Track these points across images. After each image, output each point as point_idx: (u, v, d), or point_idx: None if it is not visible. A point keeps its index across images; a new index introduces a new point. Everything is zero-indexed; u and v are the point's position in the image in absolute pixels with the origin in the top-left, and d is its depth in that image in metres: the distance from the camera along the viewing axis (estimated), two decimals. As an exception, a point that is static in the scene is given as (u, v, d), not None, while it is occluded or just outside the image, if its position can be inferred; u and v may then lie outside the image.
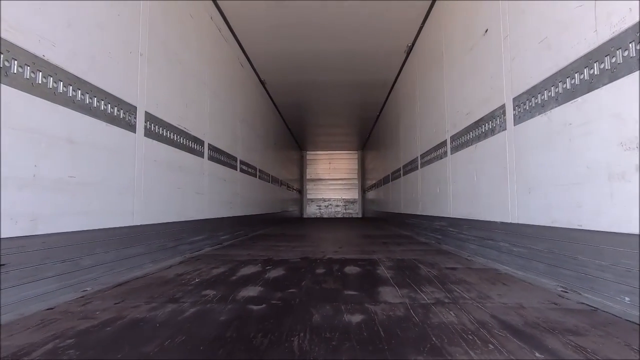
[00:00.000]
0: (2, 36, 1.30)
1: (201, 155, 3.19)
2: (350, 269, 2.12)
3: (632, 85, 1.26)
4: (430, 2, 3.66)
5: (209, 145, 3.38)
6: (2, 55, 1.29)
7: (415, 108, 4.61)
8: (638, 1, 1.24)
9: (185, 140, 2.85)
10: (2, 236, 1.28)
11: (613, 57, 1.34)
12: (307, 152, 12.78)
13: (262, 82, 5.90)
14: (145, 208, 2.22)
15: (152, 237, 2.29)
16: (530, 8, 1.91)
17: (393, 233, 4.90)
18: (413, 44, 4.57)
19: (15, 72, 1.34)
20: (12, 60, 1.33)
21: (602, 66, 1.40)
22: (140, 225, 2.16)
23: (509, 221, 2.12)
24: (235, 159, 4.28)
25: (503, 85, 2.21)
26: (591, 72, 1.46)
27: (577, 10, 1.54)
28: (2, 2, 1.30)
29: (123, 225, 2.00)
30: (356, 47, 4.71)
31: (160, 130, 2.43)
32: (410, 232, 4.77)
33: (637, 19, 1.23)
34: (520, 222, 2.00)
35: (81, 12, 1.71)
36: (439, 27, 3.56)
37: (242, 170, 4.57)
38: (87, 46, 1.75)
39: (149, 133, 2.28)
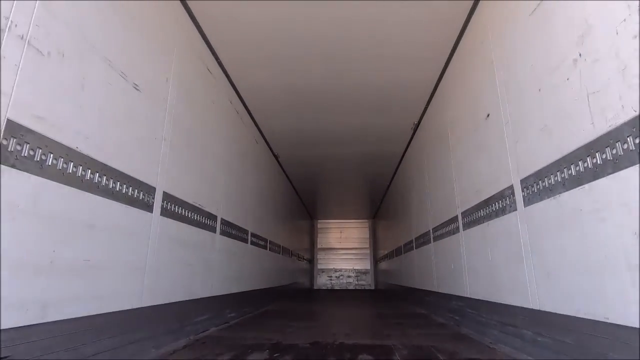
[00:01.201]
0: (44, 134, 1.43)
1: (213, 230, 3.23)
2: (364, 359, 1.99)
3: (636, 177, 1.28)
4: (434, 84, 3.94)
5: (222, 219, 3.44)
6: (40, 150, 1.41)
7: (424, 181, 4.69)
8: (629, 98, 1.32)
9: (199, 217, 2.91)
10: (11, 325, 1.27)
11: (613, 148, 1.39)
12: (318, 221, 12.76)
13: (276, 156, 6.16)
14: (154, 288, 2.20)
15: (159, 319, 2.22)
16: (528, 98, 2.04)
17: (407, 311, 4.65)
18: (419, 122, 4.81)
19: (49, 164, 1.46)
20: (49, 154, 1.45)
21: (603, 156, 1.44)
22: (148, 306, 2.12)
23: (530, 307, 2.01)
24: (246, 232, 4.30)
25: (509, 166, 2.27)
26: (594, 161, 1.50)
27: (573, 103, 1.64)
28: (47, 103, 1.46)
29: (131, 308, 1.96)
30: (365, 122, 4.98)
31: (176, 209, 2.51)
32: (426, 310, 4.51)
33: (632, 115, 1.30)
34: (542, 308, 1.89)
35: (114, 106, 1.90)
36: (443, 108, 3.78)
37: (252, 243, 4.56)
38: (116, 135, 1.91)
39: (165, 212, 2.35)
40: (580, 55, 1.58)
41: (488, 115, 2.58)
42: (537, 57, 1.94)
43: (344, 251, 12.43)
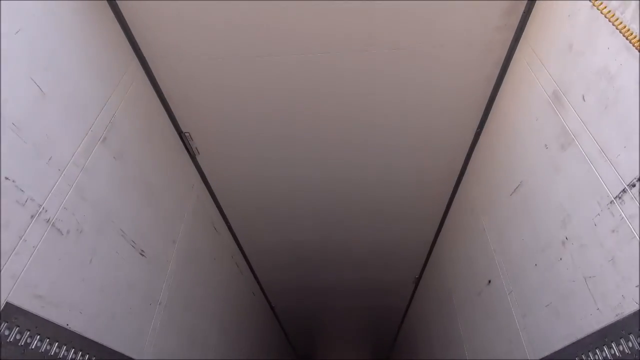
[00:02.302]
0: (38, 313, 1.39)
1: (195, 407, 2.79)
2: None
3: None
4: (431, 241, 4.05)
5: (207, 392, 3.01)
6: (28, 332, 1.35)
7: (431, 343, 4.30)
8: (627, 290, 1.33)
9: (181, 392, 2.56)
10: None
11: (628, 341, 1.33)
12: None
13: (272, 308, 5.84)
14: None
15: None
16: (526, 269, 2.07)
17: None
18: (420, 276, 4.74)
19: (32, 347, 1.37)
20: (36, 336, 1.38)
21: (620, 348, 1.37)
22: None
23: None
24: (233, 405, 3.70)
25: (522, 339, 2.12)
26: (612, 352, 1.41)
27: (572, 284, 1.65)
28: (51, 281, 1.47)
29: None
30: (364, 275, 4.91)
31: (157, 386, 2.23)
32: None
33: (634, 308, 1.29)
34: None
35: (117, 275, 1.91)
36: (442, 266, 3.78)
37: (238, 421, 3.87)
38: (112, 306, 1.85)
39: (143, 391, 2.08)
40: (567, 238, 1.68)
41: (489, 282, 2.57)
42: (525, 233, 2.06)
43: None
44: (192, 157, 2.86)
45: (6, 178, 1.26)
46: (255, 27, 2.01)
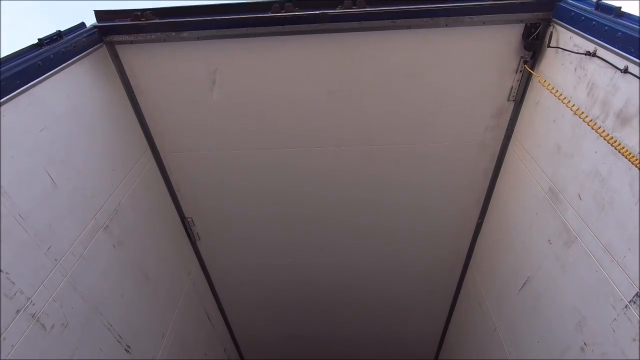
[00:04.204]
0: None
1: None
2: None
3: None
4: (441, 333, 3.75)
5: None
6: None
7: None
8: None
9: None
10: None
11: None
12: None
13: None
14: None
15: None
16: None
17: None
18: (430, 377, 4.29)
19: None
20: None
21: None
22: None
23: None
24: None
25: None
26: None
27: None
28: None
29: None
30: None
31: None
32: None
33: None
34: None
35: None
36: (454, 367, 3.45)
37: None
38: (84, 415, 1.65)
39: None
40: (585, 344, 1.56)
41: (508, 390, 2.31)
42: (542, 337, 1.91)
43: None
44: (193, 242, 2.84)
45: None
46: (266, 130, 2.18)
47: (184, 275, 2.74)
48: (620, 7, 1.36)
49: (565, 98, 1.55)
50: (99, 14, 1.82)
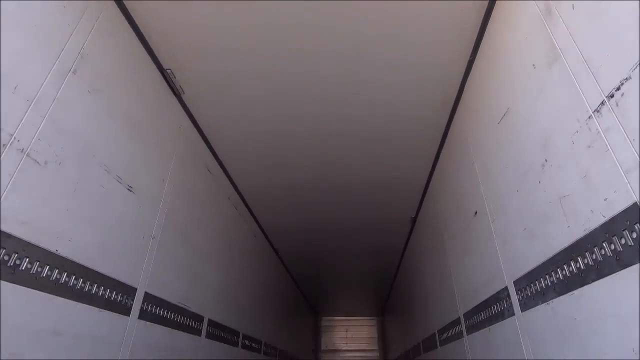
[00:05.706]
0: (24, 238, 1.46)
1: (199, 333, 3.03)
2: None
3: (621, 285, 1.22)
4: (426, 180, 4.06)
5: (209, 320, 3.25)
6: (16, 255, 1.43)
7: (424, 278, 4.49)
8: (596, 204, 1.33)
9: (183, 319, 2.76)
10: None
11: (592, 253, 1.35)
12: (323, 318, 11.92)
13: (276, 250, 6.08)
14: (119, 406, 1.98)
15: None
16: (508, 198, 2.07)
17: None
18: (416, 215, 4.82)
19: (22, 269, 1.46)
20: (24, 258, 1.46)
21: (585, 261, 1.40)
22: None
23: None
24: (237, 333, 4.01)
25: (501, 266, 2.19)
26: (577, 265, 1.45)
27: (548, 205, 1.65)
28: (35, 209, 1.53)
29: None
30: (363, 216, 5.01)
31: (157, 310, 2.40)
32: None
33: (602, 220, 1.30)
34: None
35: (104, 208, 1.97)
36: (435, 205, 3.82)
37: (244, 346, 4.21)
38: (103, 237, 1.94)
39: (143, 314, 2.24)
40: (546, 160, 1.65)
41: (476, 213, 2.59)
42: (509, 161, 2.03)
43: (350, 354, 11.31)
44: (178, 96, 2.81)
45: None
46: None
47: (174, 128, 2.81)
48: None
49: None
50: None
